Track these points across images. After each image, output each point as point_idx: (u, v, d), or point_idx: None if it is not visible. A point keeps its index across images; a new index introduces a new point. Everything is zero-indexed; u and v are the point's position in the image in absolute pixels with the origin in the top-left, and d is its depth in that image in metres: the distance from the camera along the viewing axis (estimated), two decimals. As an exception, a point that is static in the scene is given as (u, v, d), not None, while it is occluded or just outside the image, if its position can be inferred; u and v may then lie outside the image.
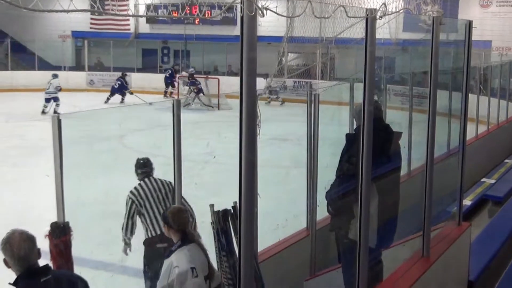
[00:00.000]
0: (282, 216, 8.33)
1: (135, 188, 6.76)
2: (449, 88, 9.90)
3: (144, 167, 6.88)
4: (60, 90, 23.60)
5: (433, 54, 4.97)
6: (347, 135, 5.27)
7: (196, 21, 31.82)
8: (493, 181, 11.26)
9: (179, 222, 4.46)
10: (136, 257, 8.01)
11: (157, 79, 29.90)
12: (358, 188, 3.98)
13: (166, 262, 4.41)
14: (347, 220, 5.11)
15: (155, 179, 6.82)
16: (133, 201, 6.65)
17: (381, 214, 4.93)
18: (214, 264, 4.69)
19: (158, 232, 6.51)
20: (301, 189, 6.48)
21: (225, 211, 5.00)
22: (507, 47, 23.30)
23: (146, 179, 6.80)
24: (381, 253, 5.40)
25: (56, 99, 23.11)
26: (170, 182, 6.78)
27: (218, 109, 24.31)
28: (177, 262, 4.32)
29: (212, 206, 6.65)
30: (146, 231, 6.69)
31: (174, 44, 33.67)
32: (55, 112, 21.91)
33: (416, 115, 10.02)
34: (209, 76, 27.99)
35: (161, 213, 6.62)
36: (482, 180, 11.43)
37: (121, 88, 26.95)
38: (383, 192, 4.87)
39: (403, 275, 4.89)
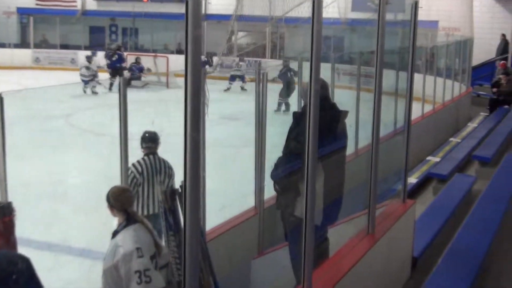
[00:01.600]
0: (231, 195, 8.35)
1: (138, 162, 6.68)
2: (396, 67, 10.01)
3: (148, 142, 6.77)
4: (91, 72, 22.61)
5: (379, 34, 5.01)
6: (294, 114, 5.28)
7: (145, -2, 31.52)
8: (438, 159, 11.48)
9: (122, 202, 4.42)
10: (81, 237, 7.95)
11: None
12: (304, 166, 4.00)
13: (112, 243, 4.38)
14: (293, 198, 5.14)
15: (159, 159, 6.76)
16: (134, 175, 6.56)
17: (327, 192, 4.97)
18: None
19: (146, 214, 6.45)
20: (250, 168, 6.50)
21: (173, 191, 4.97)
22: (454, 27, 23.67)
23: (150, 156, 6.72)
24: (327, 231, 5.46)
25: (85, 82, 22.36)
26: (171, 167, 6.71)
27: (167, 87, 24.17)
28: (122, 242, 4.29)
29: (160, 185, 6.65)
30: (136, 210, 6.59)
31: (122, 21, 33.17)
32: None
33: (365, 94, 10.13)
34: (157, 55, 27.72)
35: (154, 196, 6.57)
36: (427, 158, 11.65)
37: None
38: (328, 170, 4.91)
39: (349, 252, 4.95)
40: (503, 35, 23.65)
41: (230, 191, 8.75)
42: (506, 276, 5.49)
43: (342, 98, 10.87)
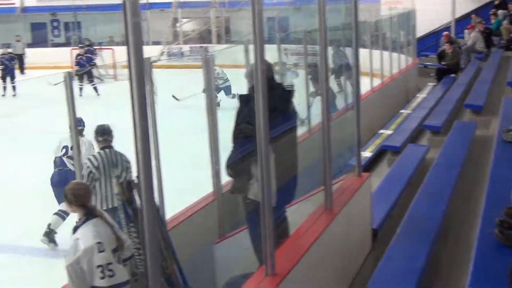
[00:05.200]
0: (190, 181, 8.34)
1: (94, 156, 6.69)
2: (342, 44, 10.09)
3: (104, 134, 6.76)
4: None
5: (320, 10, 5.02)
6: (240, 96, 5.26)
7: (85, -9, 31.09)
8: (390, 131, 11.62)
9: (80, 197, 4.40)
10: (33, 237, 7.86)
11: (50, 54, 28.91)
12: (256, 148, 4.01)
13: (72, 239, 4.36)
14: (245, 181, 5.16)
15: (115, 152, 6.74)
16: (90, 170, 6.51)
17: (279, 172, 4.97)
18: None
19: (105, 208, 6.42)
20: (206, 154, 6.51)
21: (129, 182, 4.94)
22: (396, 0, 23.90)
23: (106, 150, 6.71)
24: (285, 211, 5.49)
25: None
26: (128, 160, 6.67)
27: (116, 80, 23.91)
28: (82, 237, 4.28)
29: (116, 177, 6.61)
30: (95, 205, 6.54)
31: (63, 16, 32.62)
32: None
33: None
34: (102, 47, 27.37)
35: (112, 190, 6.52)
36: (380, 131, 11.78)
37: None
38: (279, 151, 4.90)
39: (308, 229, 4.98)
40: None
41: (188, 177, 8.73)
42: (463, 240, 5.61)
43: (291, 78, 10.95)
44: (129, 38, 2.59)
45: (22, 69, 27.39)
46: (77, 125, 7.93)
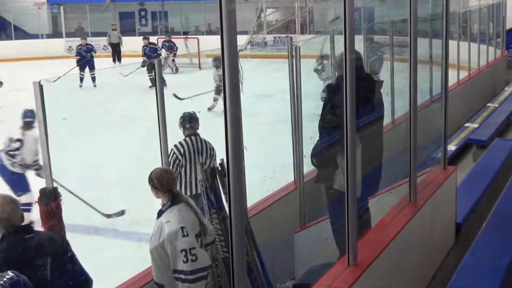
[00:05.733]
0: (270, 169, 8.37)
1: (180, 143, 6.74)
2: (429, 35, 9.88)
3: (191, 121, 6.84)
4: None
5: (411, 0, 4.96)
6: (329, 86, 5.24)
7: (173, -19, 31.58)
8: (476, 125, 11.35)
9: (165, 183, 4.47)
10: (125, 219, 8.07)
11: (137, 42, 29.55)
12: (341, 138, 4.00)
13: (157, 223, 4.45)
14: (331, 171, 5.14)
15: (201, 140, 6.82)
16: (176, 157, 6.64)
17: (365, 163, 4.95)
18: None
19: (189, 194, 6.54)
20: (287, 143, 6.52)
21: (213, 169, 5.05)
22: (486, -9, 23.18)
23: (192, 137, 6.78)
24: (368, 202, 5.45)
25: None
26: (213, 148, 6.78)
27: (200, 69, 24.25)
28: (167, 222, 4.35)
29: (201, 164, 6.72)
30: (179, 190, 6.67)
31: (151, 5, 33.28)
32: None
33: (398, 64, 10.03)
34: (188, 36, 27.76)
35: (196, 176, 6.64)
36: (465, 125, 11.52)
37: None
38: (365, 141, 4.88)
39: (392, 221, 4.94)
40: None
41: (269, 165, 8.76)
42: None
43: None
44: (223, 26, 2.62)
45: (119, 58, 27.96)
46: (28, 116, 8.15)
